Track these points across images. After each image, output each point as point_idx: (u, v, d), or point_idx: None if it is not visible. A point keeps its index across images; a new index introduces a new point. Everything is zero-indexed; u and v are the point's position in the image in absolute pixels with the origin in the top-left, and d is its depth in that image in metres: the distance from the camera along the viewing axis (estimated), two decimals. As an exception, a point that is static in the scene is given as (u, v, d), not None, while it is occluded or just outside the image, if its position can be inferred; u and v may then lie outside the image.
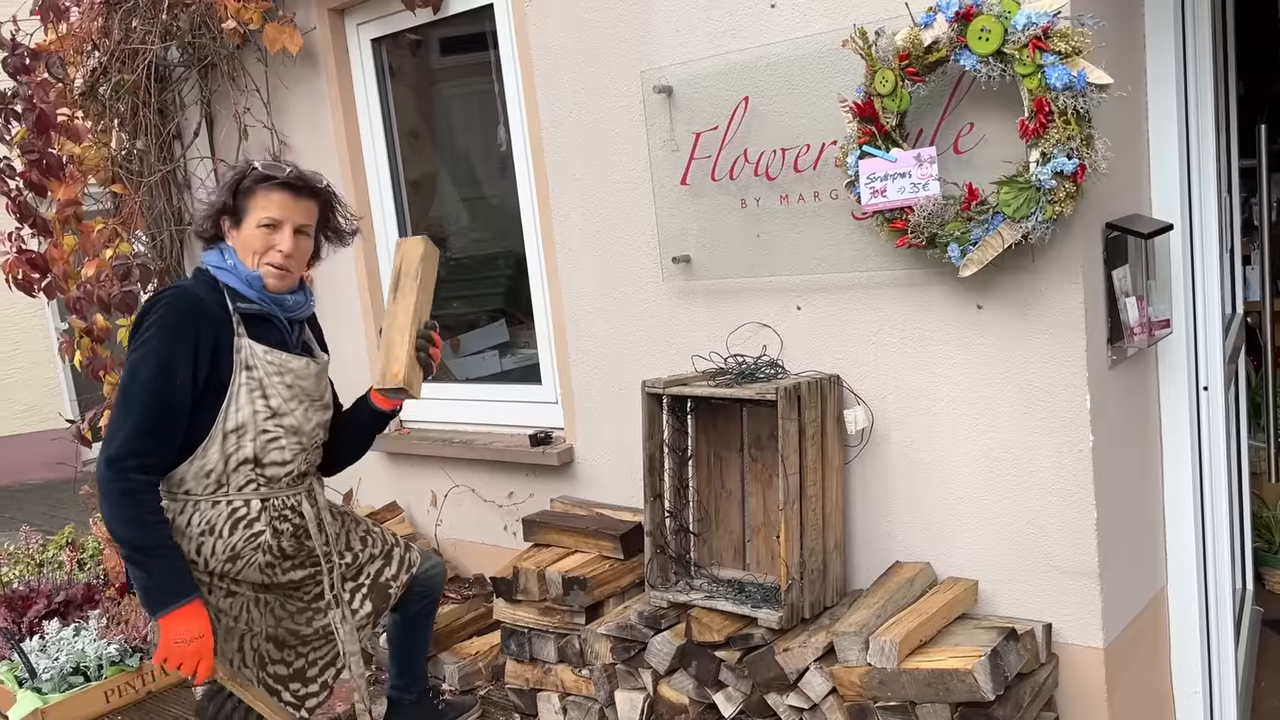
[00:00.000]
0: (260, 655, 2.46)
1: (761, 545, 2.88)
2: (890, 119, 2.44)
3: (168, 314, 2.30)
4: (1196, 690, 2.88)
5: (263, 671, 2.46)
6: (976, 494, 2.63)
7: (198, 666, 2.30)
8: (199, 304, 2.35)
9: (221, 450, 2.37)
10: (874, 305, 2.71)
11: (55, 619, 3.84)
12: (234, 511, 2.40)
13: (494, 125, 3.76)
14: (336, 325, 4.09)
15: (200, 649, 2.29)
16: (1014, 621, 2.54)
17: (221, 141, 4.23)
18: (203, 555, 2.37)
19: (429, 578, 2.89)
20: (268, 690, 2.46)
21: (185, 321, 2.30)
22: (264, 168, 2.45)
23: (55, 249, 4.23)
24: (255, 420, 2.40)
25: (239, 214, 2.44)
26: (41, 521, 6.43)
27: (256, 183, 2.44)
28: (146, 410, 2.26)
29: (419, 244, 2.61)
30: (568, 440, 3.49)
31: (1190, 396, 2.81)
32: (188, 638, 2.27)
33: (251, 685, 2.46)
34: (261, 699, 2.46)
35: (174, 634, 2.27)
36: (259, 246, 2.43)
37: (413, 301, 2.56)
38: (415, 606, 2.90)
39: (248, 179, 2.44)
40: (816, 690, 2.50)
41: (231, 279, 2.43)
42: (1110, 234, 2.51)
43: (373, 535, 2.77)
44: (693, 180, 2.94)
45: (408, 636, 2.97)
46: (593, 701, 3.01)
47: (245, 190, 2.43)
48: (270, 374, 2.42)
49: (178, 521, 2.36)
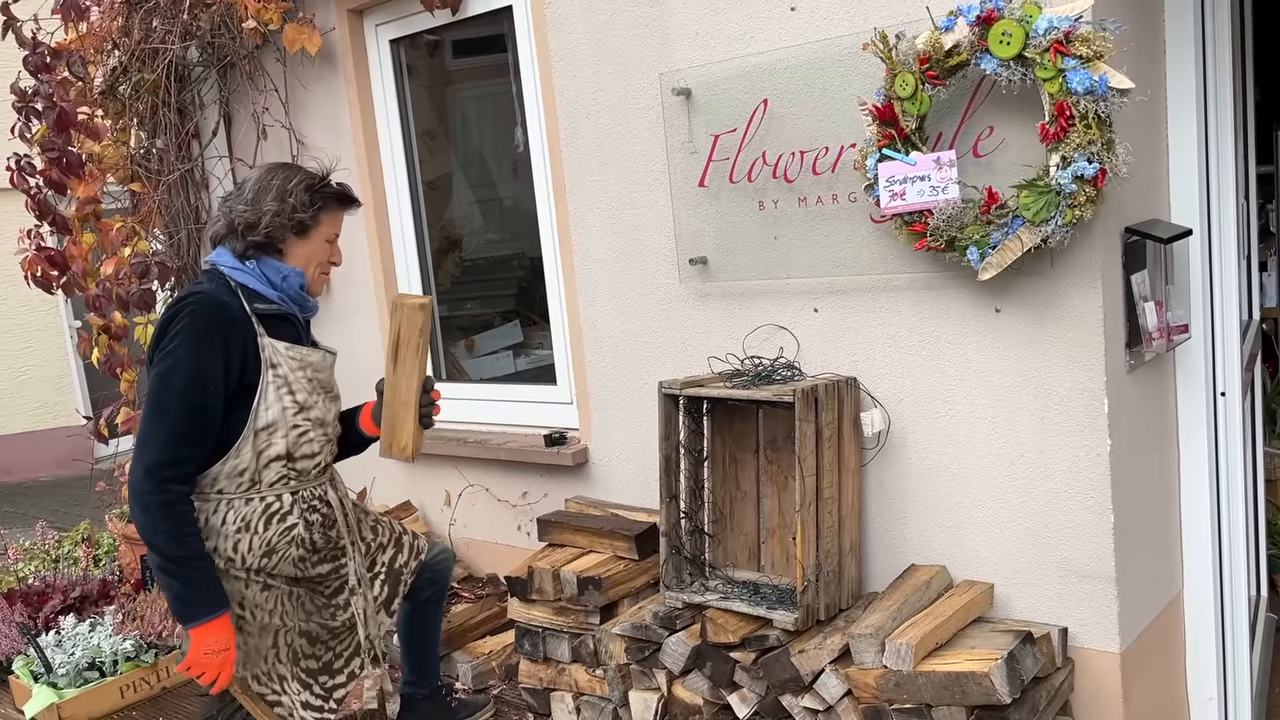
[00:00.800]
0: (294, 651, 2.47)
1: (776, 547, 2.88)
2: (910, 122, 2.45)
3: (194, 321, 2.30)
4: (1211, 696, 2.87)
5: (296, 667, 2.47)
6: (993, 497, 2.63)
7: (219, 677, 2.34)
8: (225, 309, 2.35)
9: (254, 448, 2.38)
10: (891, 308, 2.72)
11: (71, 614, 3.87)
12: (268, 507, 2.42)
13: (511, 126, 3.78)
14: (351, 319, 4.11)
15: (225, 661, 2.33)
16: (1030, 625, 2.54)
17: (240, 141, 4.25)
18: (239, 552, 2.39)
19: (437, 564, 2.92)
20: (301, 685, 2.47)
21: (213, 328, 2.31)
22: (342, 187, 2.54)
23: (74, 246, 4.26)
24: (285, 417, 2.42)
25: (308, 224, 2.48)
26: (55, 518, 6.46)
27: (332, 198, 2.51)
28: (181, 418, 2.27)
29: (419, 312, 2.54)
30: (582, 441, 3.50)
31: (1207, 402, 2.80)
32: (216, 649, 2.31)
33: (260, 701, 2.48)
34: (266, 714, 2.48)
35: (204, 645, 2.30)
36: (323, 258, 2.54)
37: (416, 374, 2.57)
38: (424, 594, 2.91)
39: (325, 196, 2.49)
40: (832, 692, 2.51)
41: (252, 280, 2.43)
42: (1129, 238, 2.51)
43: (381, 525, 2.81)
44: (710, 182, 2.95)
45: (418, 627, 2.98)
46: (607, 701, 3.02)
47: (320, 205, 2.48)
48: (294, 370, 2.44)
49: (212, 521, 2.37)
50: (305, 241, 2.48)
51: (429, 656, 3.07)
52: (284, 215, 2.43)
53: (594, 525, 3.19)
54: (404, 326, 2.55)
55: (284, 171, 2.49)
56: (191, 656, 2.32)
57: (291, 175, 2.48)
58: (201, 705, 3.58)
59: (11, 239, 4.92)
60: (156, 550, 2.28)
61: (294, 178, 2.47)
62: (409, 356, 2.56)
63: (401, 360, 2.56)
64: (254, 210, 2.43)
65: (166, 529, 2.25)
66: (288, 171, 2.49)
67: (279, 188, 2.45)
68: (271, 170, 2.51)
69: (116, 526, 4.34)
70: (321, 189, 2.49)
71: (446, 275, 4.22)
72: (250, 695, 2.47)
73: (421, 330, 2.55)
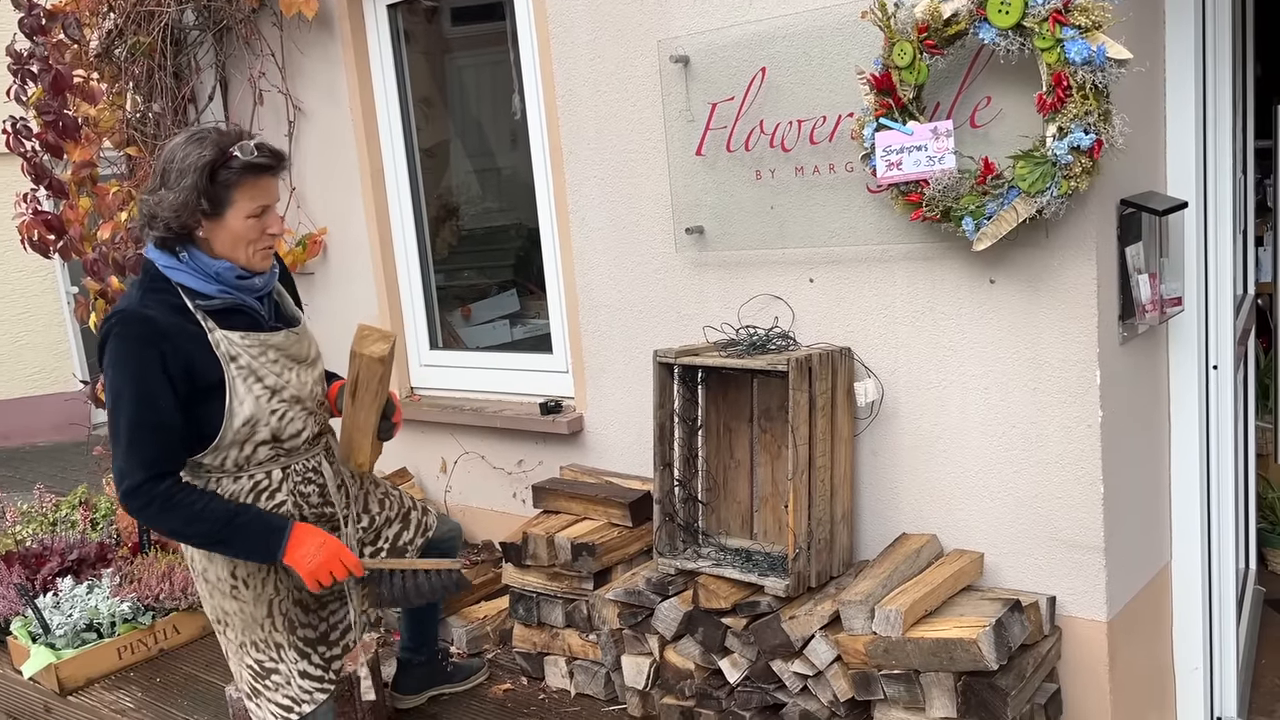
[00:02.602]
0: (289, 619, 2.47)
1: (769, 515, 2.90)
2: (907, 92, 2.45)
3: (121, 344, 2.21)
4: (1197, 666, 2.91)
5: (293, 635, 2.48)
6: (985, 467, 2.65)
7: (345, 565, 2.35)
8: (150, 324, 2.22)
9: (236, 441, 2.34)
10: (887, 278, 2.72)
11: (69, 577, 3.89)
12: (256, 484, 2.39)
13: (508, 94, 3.76)
14: (347, 286, 4.11)
15: (330, 553, 2.33)
16: (1019, 594, 2.56)
17: (236, 106, 4.23)
18: None
19: (445, 543, 2.89)
20: (298, 654, 2.48)
21: (144, 345, 2.21)
22: (247, 154, 2.23)
23: (71, 211, 4.25)
24: (261, 406, 2.35)
25: (217, 205, 2.24)
26: (52, 482, 6.48)
27: (241, 172, 2.23)
28: (141, 441, 2.22)
29: (378, 364, 2.46)
30: (578, 409, 3.52)
31: (1200, 375, 2.82)
32: (314, 553, 2.31)
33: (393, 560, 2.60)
34: (414, 564, 2.61)
35: (303, 560, 2.31)
36: (252, 236, 2.30)
37: (375, 409, 2.53)
38: None
39: (229, 169, 2.23)
40: (821, 658, 2.54)
41: (189, 279, 2.28)
42: (1125, 210, 2.51)
43: (391, 498, 2.78)
44: (708, 151, 2.95)
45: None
46: (599, 666, 3.05)
47: (224, 182, 2.23)
48: (256, 357, 2.35)
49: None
50: (222, 223, 2.26)
51: (429, 625, 3.09)
52: (186, 201, 2.20)
53: (588, 492, 3.21)
54: (362, 373, 2.49)
55: (184, 148, 2.24)
56: (305, 577, 2.32)
57: (189, 153, 2.22)
58: (198, 667, 3.62)
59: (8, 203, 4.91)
60: (194, 540, 2.32)
61: (190, 155, 2.21)
62: (367, 398, 2.52)
63: (360, 399, 2.52)
64: (154, 199, 2.24)
65: (182, 519, 2.26)
66: (187, 148, 2.23)
67: (176, 170, 2.21)
68: (172, 149, 2.27)
69: (112, 491, 4.35)
70: (225, 163, 2.21)
71: (444, 243, 4.21)
72: (381, 564, 2.57)
73: (381, 379, 2.50)
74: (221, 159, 2.22)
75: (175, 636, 3.78)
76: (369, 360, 2.47)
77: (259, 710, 2.47)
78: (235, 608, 2.43)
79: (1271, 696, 3.22)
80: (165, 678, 3.58)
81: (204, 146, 2.22)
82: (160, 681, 3.56)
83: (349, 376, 2.52)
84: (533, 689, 3.19)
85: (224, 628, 2.47)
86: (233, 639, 2.46)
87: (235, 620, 2.44)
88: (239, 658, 2.47)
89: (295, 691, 2.46)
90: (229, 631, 2.47)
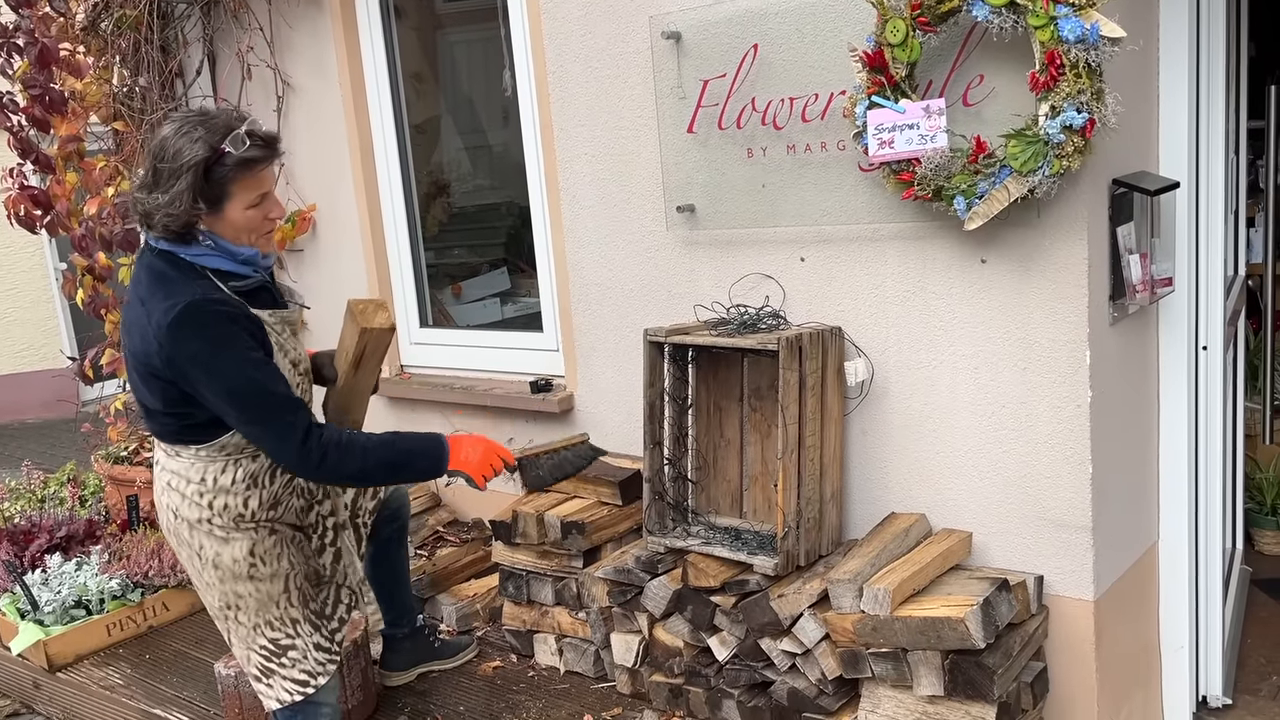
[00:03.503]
0: (303, 594, 2.47)
1: (759, 494, 2.91)
2: (900, 69, 2.43)
3: (208, 331, 2.18)
4: (1183, 645, 2.92)
5: (306, 609, 2.48)
6: (974, 447, 2.65)
7: (502, 457, 2.47)
8: (223, 303, 2.22)
9: None
10: (878, 258, 2.72)
11: (57, 553, 3.89)
12: (271, 462, 2.40)
13: (499, 70, 3.74)
14: (337, 262, 4.09)
15: (486, 446, 2.44)
16: (1007, 573, 2.57)
17: (224, 81, 4.19)
18: (249, 507, 2.37)
19: (394, 501, 2.93)
20: (312, 627, 2.48)
21: (229, 321, 2.20)
22: (240, 148, 2.17)
23: (57, 185, 4.22)
24: (290, 378, 2.36)
25: (215, 203, 2.20)
26: (41, 459, 6.47)
27: (236, 168, 2.19)
28: (281, 404, 2.24)
29: (387, 334, 2.57)
30: (568, 387, 3.51)
31: (1189, 356, 2.82)
32: (472, 450, 2.41)
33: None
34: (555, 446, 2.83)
35: (468, 461, 2.40)
36: (253, 225, 2.27)
37: (376, 374, 2.67)
38: (385, 532, 2.92)
39: (224, 166, 2.17)
40: (810, 636, 2.55)
41: (221, 262, 2.27)
42: (1116, 190, 2.51)
43: None
44: (699, 128, 2.93)
45: (385, 566, 2.99)
46: (589, 643, 3.06)
47: (219, 178, 2.18)
48: (280, 333, 2.37)
49: (220, 480, 2.34)
50: (221, 217, 2.22)
51: (401, 594, 3.09)
52: (179, 204, 2.15)
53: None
54: (371, 344, 2.57)
55: (174, 143, 2.17)
56: (476, 473, 2.41)
57: (183, 149, 2.15)
58: (187, 644, 3.62)
59: (-6, 178, 4.86)
60: (374, 475, 2.39)
61: (185, 153, 2.14)
62: (371, 365, 2.62)
63: (365, 366, 2.61)
64: (148, 199, 2.19)
65: (362, 456, 2.30)
66: (178, 143, 2.16)
67: (168, 170, 2.15)
68: (162, 142, 2.19)
69: (103, 468, 4.34)
70: (219, 160, 2.16)
71: (434, 221, 4.19)
72: (525, 452, 2.72)
73: (387, 347, 2.62)
74: (214, 157, 2.16)
75: (164, 613, 3.78)
76: (379, 332, 2.56)
77: (271, 690, 2.44)
78: (251, 589, 2.40)
79: (1256, 675, 3.25)
80: (154, 654, 3.59)
81: (194, 143, 2.15)
82: (149, 658, 3.56)
83: (353, 348, 2.57)
84: (522, 666, 3.20)
85: (235, 612, 2.43)
86: (245, 622, 2.43)
87: (249, 601, 2.41)
88: (250, 641, 2.44)
89: (311, 665, 2.45)
90: (240, 615, 2.43)
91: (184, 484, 2.35)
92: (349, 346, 2.60)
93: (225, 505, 2.35)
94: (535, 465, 2.77)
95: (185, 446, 2.34)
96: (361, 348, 2.56)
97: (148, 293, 2.23)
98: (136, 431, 4.50)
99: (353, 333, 2.58)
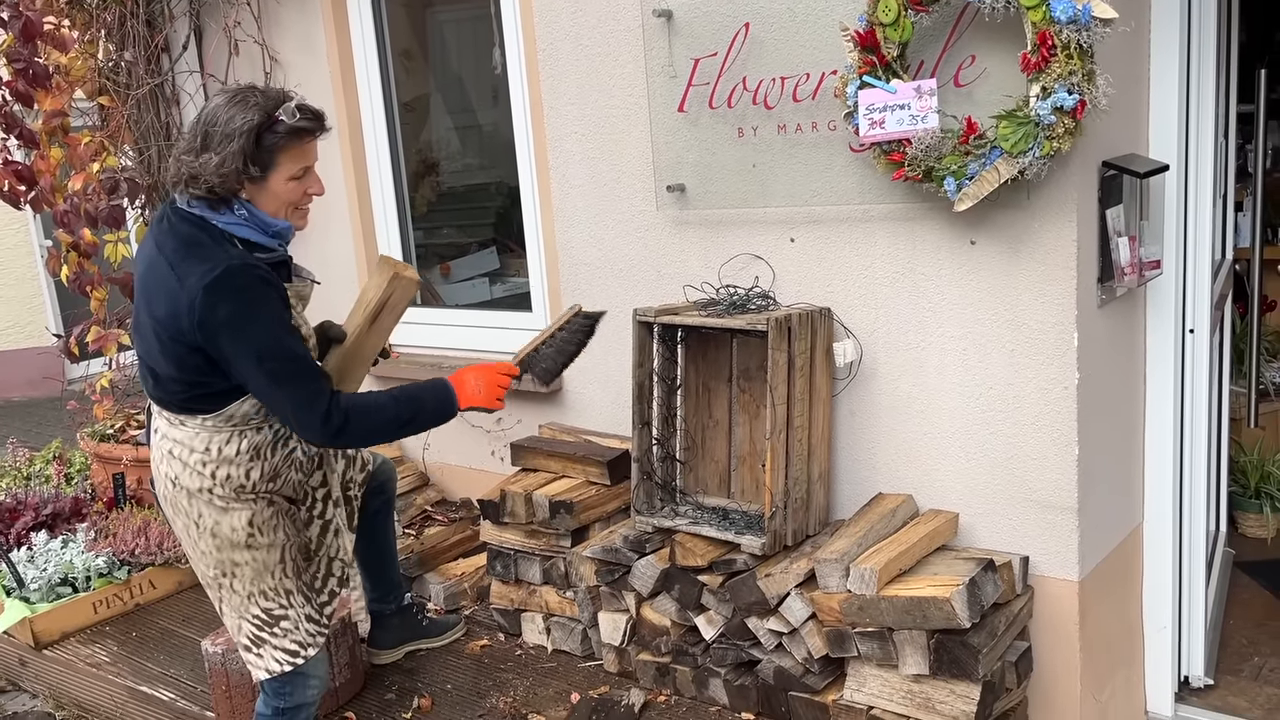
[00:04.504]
0: (296, 565, 2.48)
1: (747, 474, 2.91)
2: (892, 49, 2.42)
3: (245, 294, 2.19)
4: (1166, 625, 2.95)
5: (300, 580, 2.48)
6: (961, 428, 2.66)
7: (503, 372, 2.49)
8: (258, 268, 2.23)
9: None
10: (867, 238, 2.72)
11: (43, 531, 3.87)
12: (276, 434, 2.40)
13: (489, 48, 3.71)
14: (323, 243, 4.07)
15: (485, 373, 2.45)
16: (993, 553, 2.58)
17: (211, 56, 4.16)
18: (251, 479, 2.37)
19: (381, 474, 2.94)
20: (304, 599, 2.49)
21: (265, 285, 2.22)
22: (292, 118, 2.24)
23: (42, 161, 4.17)
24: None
25: (263, 169, 2.25)
26: (26, 437, 6.43)
27: (287, 137, 2.25)
28: (306, 373, 2.26)
29: (414, 287, 2.59)
30: (557, 367, 3.50)
31: (1176, 339, 2.83)
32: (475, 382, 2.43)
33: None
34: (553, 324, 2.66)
35: (475, 395, 2.42)
36: (294, 198, 2.32)
37: (385, 338, 2.64)
38: (373, 506, 2.92)
39: (275, 134, 2.23)
40: (796, 615, 2.56)
41: (252, 233, 2.29)
42: (1106, 173, 2.51)
43: None
44: (690, 108, 2.92)
45: (372, 541, 2.99)
46: (576, 622, 3.06)
47: (270, 146, 2.24)
48: (297, 306, 2.40)
49: (225, 451, 2.34)
50: (265, 186, 2.27)
51: (388, 569, 3.09)
52: (228, 166, 2.20)
53: (567, 450, 3.21)
54: (396, 294, 2.58)
55: (228, 110, 2.23)
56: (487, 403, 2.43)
57: (234, 115, 2.21)
58: (174, 622, 3.62)
59: (-23, 153, 4.81)
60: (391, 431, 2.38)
61: (235, 119, 2.21)
62: (388, 321, 2.61)
63: (380, 322, 2.60)
64: (197, 161, 2.22)
65: (375, 417, 2.31)
66: (231, 110, 2.22)
67: (221, 132, 2.20)
68: (215, 109, 2.25)
69: (89, 445, 4.32)
70: (271, 127, 2.22)
71: (423, 200, 4.17)
72: (522, 352, 2.62)
73: (407, 304, 2.61)
74: (267, 123, 2.22)
75: (151, 591, 3.77)
76: (408, 283, 2.57)
77: (261, 660, 2.45)
78: (248, 557, 2.40)
79: (1238, 656, 3.28)
80: (141, 632, 3.58)
81: (248, 110, 2.22)
82: (136, 635, 3.56)
83: (376, 299, 2.57)
84: (510, 645, 3.20)
85: (229, 580, 2.43)
86: (239, 590, 2.44)
87: (245, 570, 2.41)
88: (242, 610, 2.45)
89: (302, 636, 2.46)
90: (235, 584, 2.43)
91: (187, 453, 2.35)
92: (370, 299, 2.60)
93: (228, 476, 2.36)
94: (538, 359, 2.66)
95: (191, 416, 2.34)
96: (385, 297, 2.56)
97: (178, 257, 2.24)
98: (123, 409, 4.48)
99: (379, 283, 2.58)
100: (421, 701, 2.95)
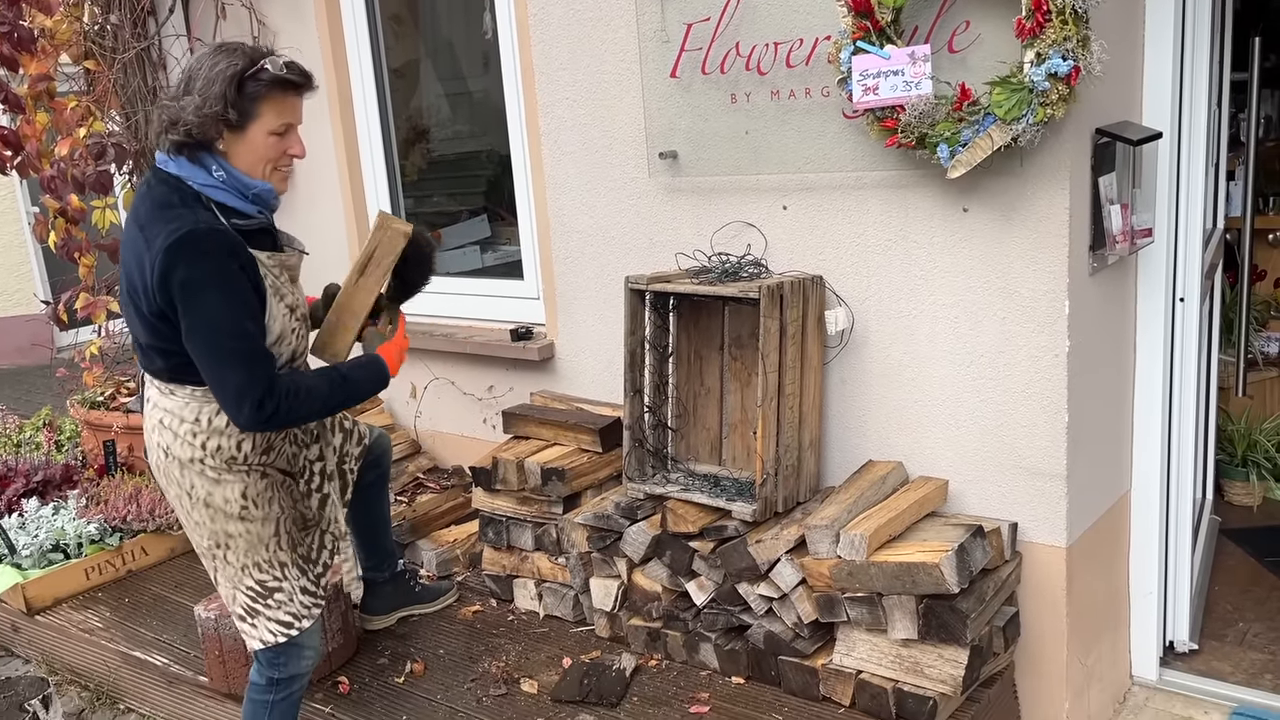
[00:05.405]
0: (291, 538, 2.47)
1: (738, 442, 2.92)
2: (886, 14, 2.41)
3: (206, 262, 2.14)
4: (1152, 591, 2.98)
5: (294, 553, 2.48)
6: (952, 395, 2.67)
7: (402, 350, 2.57)
8: (224, 235, 2.18)
9: None
10: (860, 206, 2.71)
11: (34, 498, 3.87)
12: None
13: (480, 12, 3.67)
14: (310, 206, 4.04)
15: (400, 349, 2.55)
16: (982, 520, 2.60)
17: (198, 19, 4.11)
18: (243, 451, 2.36)
19: (377, 446, 2.93)
20: (299, 571, 2.49)
21: (228, 256, 2.17)
22: (277, 69, 2.21)
23: (28, 126, 4.12)
24: (285, 324, 2.35)
25: (243, 116, 2.20)
26: (16, 405, 6.41)
27: (270, 86, 2.21)
28: (254, 354, 2.21)
29: (400, 239, 2.54)
30: (549, 335, 3.50)
31: (1166, 308, 2.84)
32: (396, 350, 2.53)
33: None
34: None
35: (396, 365, 2.51)
36: (273, 155, 2.27)
37: (375, 292, 2.58)
38: (368, 478, 2.91)
39: (258, 81, 2.20)
40: (786, 580, 2.57)
41: (229, 198, 2.24)
42: (1099, 140, 2.50)
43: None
44: (682, 73, 2.90)
45: (367, 512, 3.00)
46: (568, 588, 3.08)
47: (252, 94, 2.20)
48: (278, 276, 2.34)
49: (216, 422, 2.32)
50: (244, 137, 2.23)
51: (382, 538, 3.10)
52: (208, 108, 2.16)
53: (559, 418, 3.22)
54: (381, 247, 2.54)
55: (212, 58, 2.21)
56: (394, 365, 2.50)
57: (219, 61, 2.19)
58: (166, 588, 3.63)
59: (-38, 118, 4.77)
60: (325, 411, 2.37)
61: (220, 64, 2.18)
62: (376, 274, 2.57)
63: (368, 275, 2.56)
64: (178, 105, 2.19)
65: (310, 400, 2.28)
66: (216, 57, 2.20)
67: (204, 76, 2.17)
68: (200, 57, 2.23)
69: (79, 413, 4.31)
70: (254, 74, 2.19)
71: (414, 167, 4.14)
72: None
73: (395, 255, 2.55)
74: (251, 69, 2.20)
75: (143, 558, 3.78)
76: (394, 234, 2.54)
77: (255, 630, 2.45)
78: (242, 529, 2.39)
79: (1223, 622, 3.32)
80: (134, 598, 3.59)
81: (234, 56, 2.21)
82: (129, 601, 3.57)
83: (365, 249, 2.55)
84: (502, 611, 3.22)
85: (223, 551, 2.42)
86: (233, 562, 2.43)
87: (239, 542, 2.40)
88: (237, 581, 2.44)
89: (297, 608, 2.46)
90: (229, 555, 2.42)
91: (177, 423, 2.34)
92: (362, 254, 2.58)
93: (219, 446, 2.34)
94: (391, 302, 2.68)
95: (180, 385, 2.32)
96: (372, 250, 2.55)
97: (148, 219, 2.21)
98: (113, 376, 4.46)
99: (373, 239, 2.57)
100: (414, 666, 2.97)
